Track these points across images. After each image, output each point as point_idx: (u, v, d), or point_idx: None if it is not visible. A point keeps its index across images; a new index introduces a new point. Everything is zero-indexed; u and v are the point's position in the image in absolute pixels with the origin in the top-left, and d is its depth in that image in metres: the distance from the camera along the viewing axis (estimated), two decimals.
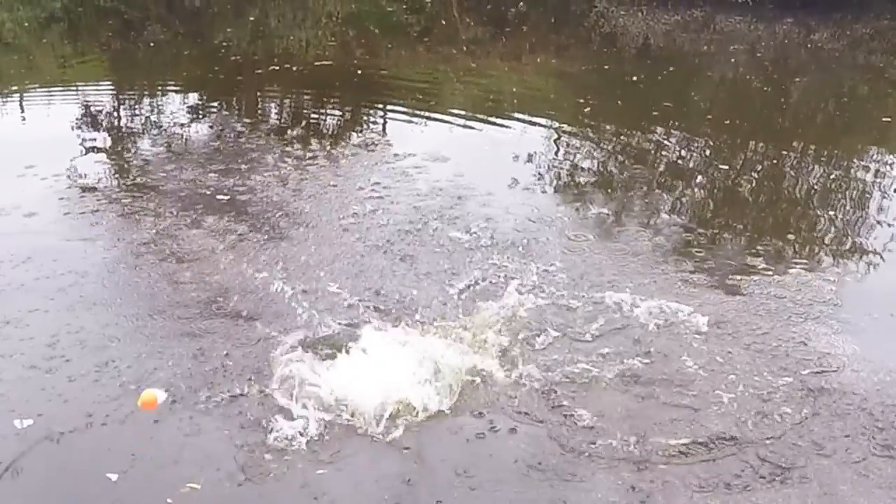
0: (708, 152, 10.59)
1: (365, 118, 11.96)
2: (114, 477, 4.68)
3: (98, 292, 6.53)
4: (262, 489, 4.66)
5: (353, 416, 5.12)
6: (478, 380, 5.50)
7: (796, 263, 7.37)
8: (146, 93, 13.07)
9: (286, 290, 6.50)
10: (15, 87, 13.09)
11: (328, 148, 9.90)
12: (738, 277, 7.04)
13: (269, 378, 5.43)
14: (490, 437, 5.08)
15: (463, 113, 11.74)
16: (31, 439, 4.92)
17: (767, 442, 5.08)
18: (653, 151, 10.43)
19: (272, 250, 7.27)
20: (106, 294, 6.51)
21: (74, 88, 13.19)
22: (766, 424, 5.23)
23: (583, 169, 9.78)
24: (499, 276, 6.82)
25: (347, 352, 5.59)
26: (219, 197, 8.34)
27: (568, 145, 10.76)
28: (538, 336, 6.01)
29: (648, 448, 4.98)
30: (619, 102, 12.87)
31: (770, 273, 7.14)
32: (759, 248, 7.68)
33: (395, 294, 6.54)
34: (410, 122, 11.38)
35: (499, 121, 11.44)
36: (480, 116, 11.57)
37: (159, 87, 13.34)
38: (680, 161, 10.25)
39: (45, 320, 6.10)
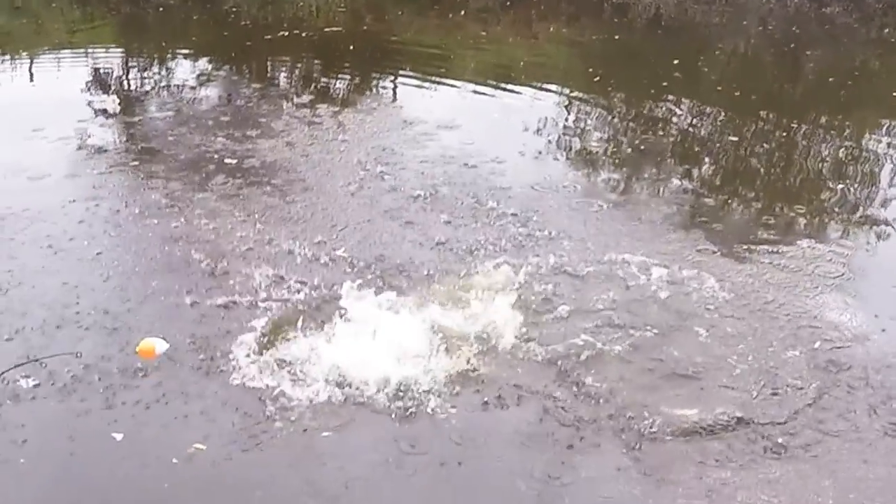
0: (718, 123, 10.51)
1: (374, 85, 11.90)
2: (119, 437, 4.68)
3: (105, 254, 6.52)
4: (267, 451, 4.65)
5: (356, 382, 5.09)
6: (483, 348, 5.47)
7: (808, 235, 7.32)
8: (155, 57, 12.99)
9: (292, 255, 6.50)
10: (24, 51, 13.03)
11: (337, 114, 9.84)
12: (750, 248, 6.99)
13: (273, 343, 5.41)
14: (495, 406, 5.05)
15: (473, 80, 11.67)
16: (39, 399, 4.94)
17: (775, 417, 5.04)
18: (663, 122, 10.36)
19: (279, 214, 7.24)
20: (112, 256, 6.50)
21: (83, 52, 13.13)
22: (774, 399, 5.20)
23: (593, 138, 9.72)
24: (507, 243, 6.79)
25: (351, 318, 5.54)
26: (227, 161, 8.31)
27: (578, 114, 10.69)
28: (546, 304, 5.98)
29: (655, 420, 4.94)
30: (629, 72, 12.76)
31: (781, 244, 7.09)
32: (770, 219, 7.65)
33: (401, 260, 6.50)
34: (420, 88, 11.33)
35: (509, 88, 11.37)
36: (491, 83, 11.51)
37: (168, 52, 13.24)
38: (690, 132, 10.19)
39: (52, 281, 6.10)
